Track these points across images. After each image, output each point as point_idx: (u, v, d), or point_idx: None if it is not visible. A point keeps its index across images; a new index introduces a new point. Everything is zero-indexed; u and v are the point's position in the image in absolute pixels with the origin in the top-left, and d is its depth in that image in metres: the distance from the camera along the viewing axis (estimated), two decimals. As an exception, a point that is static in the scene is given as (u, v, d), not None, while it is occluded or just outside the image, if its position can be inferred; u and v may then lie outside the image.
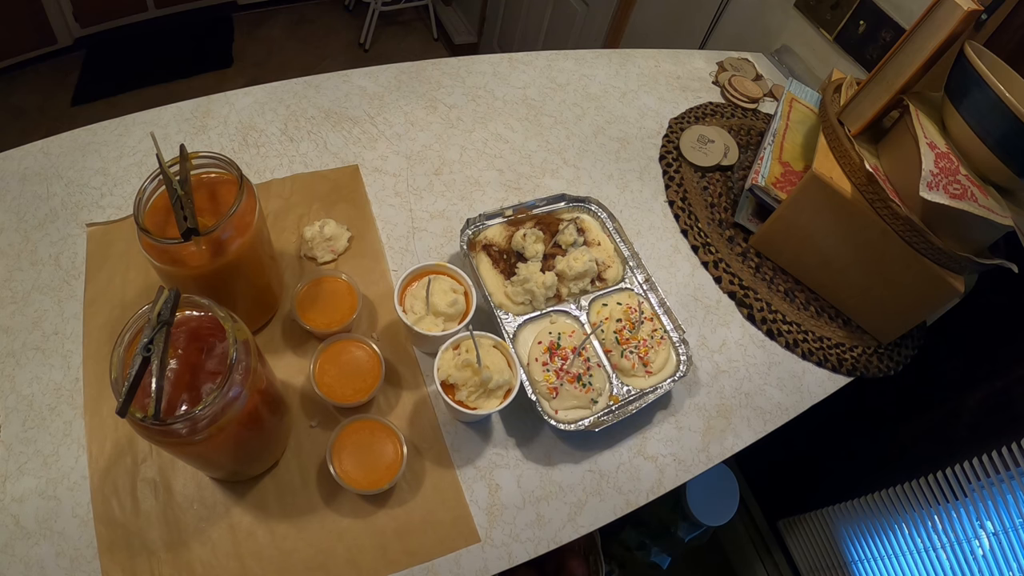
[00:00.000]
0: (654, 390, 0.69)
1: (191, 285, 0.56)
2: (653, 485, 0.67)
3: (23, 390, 0.61)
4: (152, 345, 0.43)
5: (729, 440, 0.72)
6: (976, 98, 0.64)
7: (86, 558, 0.54)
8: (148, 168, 0.78)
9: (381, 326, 0.71)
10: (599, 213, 0.81)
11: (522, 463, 0.66)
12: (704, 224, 0.89)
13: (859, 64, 1.10)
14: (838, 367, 0.80)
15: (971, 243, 0.71)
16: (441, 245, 0.79)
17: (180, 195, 0.51)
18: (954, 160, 0.67)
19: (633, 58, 1.12)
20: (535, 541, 0.62)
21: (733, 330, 0.81)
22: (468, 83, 0.98)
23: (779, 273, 0.87)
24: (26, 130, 2.01)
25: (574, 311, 0.73)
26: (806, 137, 0.91)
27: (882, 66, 0.73)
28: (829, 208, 0.75)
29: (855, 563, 1.19)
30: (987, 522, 0.91)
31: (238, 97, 0.87)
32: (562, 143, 0.95)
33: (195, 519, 0.57)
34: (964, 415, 0.97)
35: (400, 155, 0.87)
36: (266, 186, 0.79)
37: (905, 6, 1.00)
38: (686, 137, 0.98)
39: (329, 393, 0.62)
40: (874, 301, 0.81)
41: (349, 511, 0.60)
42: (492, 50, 2.39)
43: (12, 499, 0.56)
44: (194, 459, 0.53)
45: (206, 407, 0.43)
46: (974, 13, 0.64)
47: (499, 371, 0.60)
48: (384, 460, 0.59)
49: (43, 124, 2.05)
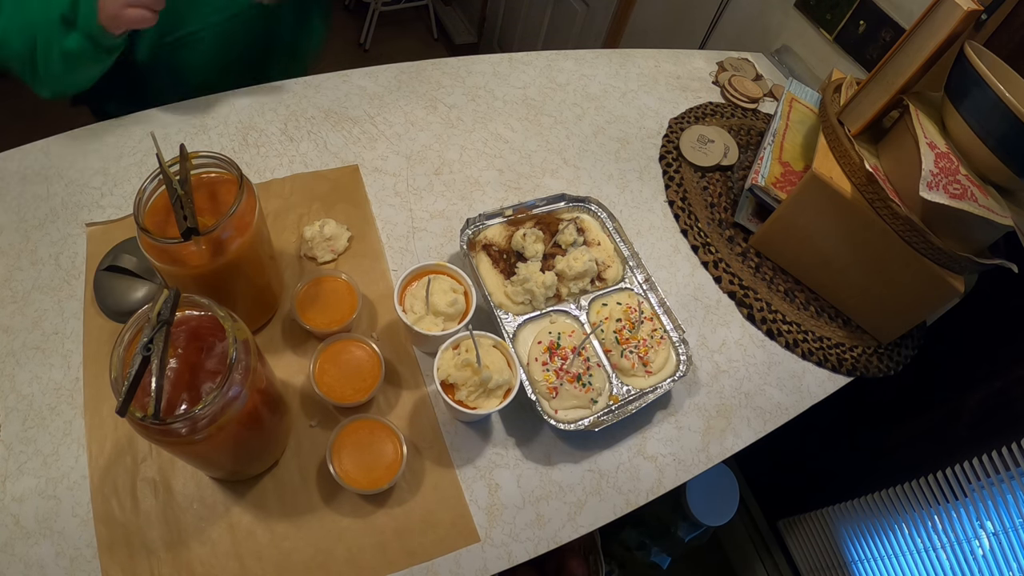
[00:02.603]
0: (654, 390, 0.69)
1: (191, 285, 0.56)
2: (653, 485, 0.67)
3: (23, 390, 0.61)
4: (152, 344, 0.43)
5: (729, 440, 0.72)
6: (976, 98, 0.64)
7: (86, 557, 0.54)
8: (148, 168, 0.78)
9: (381, 326, 0.71)
10: (599, 213, 0.81)
11: (522, 463, 0.66)
12: (704, 224, 0.89)
13: (859, 64, 1.10)
14: (838, 367, 0.80)
15: (971, 243, 0.71)
16: (441, 245, 0.79)
17: (180, 195, 0.51)
18: (954, 160, 0.67)
19: (633, 58, 1.12)
20: (535, 541, 0.62)
21: (733, 330, 0.81)
22: (468, 83, 0.98)
23: (779, 273, 0.87)
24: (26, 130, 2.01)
25: (574, 311, 0.73)
26: (806, 137, 0.91)
27: (882, 66, 0.73)
28: (829, 208, 0.75)
29: (855, 563, 1.19)
30: (987, 522, 0.91)
31: (238, 97, 0.87)
32: (562, 143, 0.95)
33: (195, 518, 0.57)
34: (964, 415, 0.97)
35: (400, 155, 0.87)
36: (266, 186, 0.79)
37: (905, 6, 1.00)
38: (686, 137, 0.98)
39: (329, 393, 0.62)
40: (874, 301, 0.81)
41: (349, 511, 0.60)
42: (492, 50, 2.39)
43: (12, 499, 0.56)
44: (194, 459, 0.54)
45: (206, 407, 0.43)
46: (974, 13, 0.64)
47: (499, 371, 0.60)
48: (384, 460, 0.59)
49: (43, 124, 2.04)
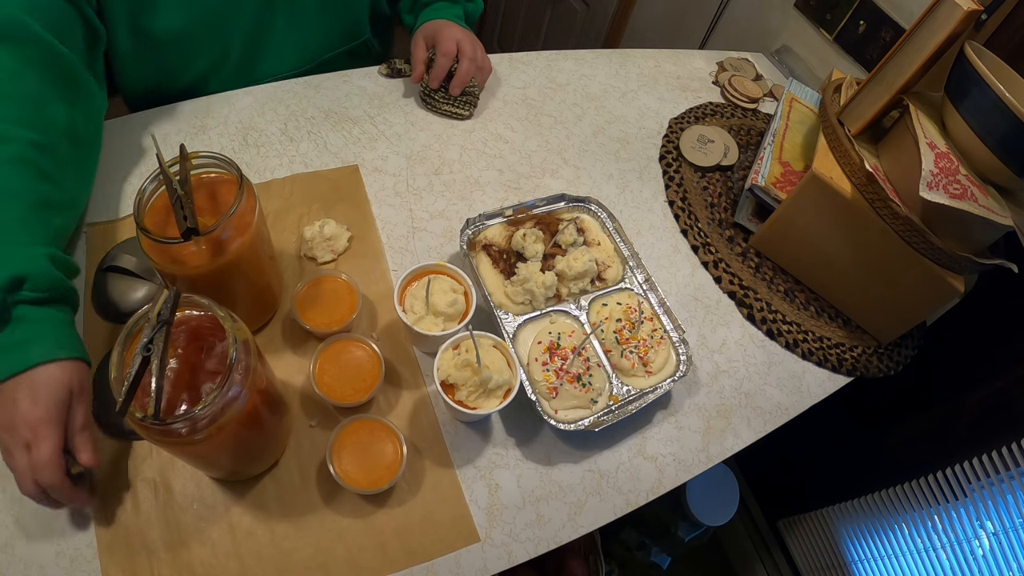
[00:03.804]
0: (654, 390, 0.69)
1: (191, 285, 0.56)
2: (653, 485, 0.67)
3: (23, 390, 0.61)
4: (152, 345, 0.43)
5: (729, 440, 0.72)
6: (976, 98, 0.64)
7: (86, 558, 0.54)
8: (148, 168, 0.78)
9: (381, 326, 0.71)
10: (599, 213, 0.81)
11: (522, 463, 0.66)
12: (704, 224, 0.89)
13: (859, 64, 1.10)
14: (838, 367, 0.80)
15: (971, 243, 0.71)
16: (441, 245, 0.79)
17: (180, 195, 0.51)
18: (954, 160, 0.67)
19: (633, 58, 1.12)
20: (535, 541, 0.62)
21: (733, 330, 0.81)
22: (468, 83, 0.98)
23: (779, 273, 0.87)
24: (26, 130, 2.01)
25: (574, 311, 0.73)
26: (806, 137, 0.91)
27: (882, 66, 0.73)
28: (829, 208, 0.75)
29: (855, 563, 1.19)
30: (987, 522, 0.91)
31: (238, 97, 0.87)
32: (562, 143, 0.95)
33: (195, 519, 0.57)
34: (964, 415, 0.97)
35: (400, 155, 0.87)
36: (266, 186, 0.79)
37: (905, 6, 1.00)
38: (686, 137, 0.98)
39: (329, 393, 0.62)
40: (874, 301, 0.81)
41: (349, 511, 0.60)
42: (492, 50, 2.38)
43: (12, 499, 0.56)
44: (194, 459, 0.54)
45: (206, 407, 0.43)
46: (974, 13, 0.64)
47: (499, 371, 0.60)
48: (384, 460, 0.59)
49: (43, 124, 2.04)
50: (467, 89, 0.89)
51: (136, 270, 0.66)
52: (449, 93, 0.90)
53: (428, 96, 0.91)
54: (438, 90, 0.90)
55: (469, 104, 0.91)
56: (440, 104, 0.91)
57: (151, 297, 0.65)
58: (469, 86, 0.89)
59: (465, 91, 0.89)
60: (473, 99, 0.91)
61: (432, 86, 0.89)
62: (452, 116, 0.91)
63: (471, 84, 0.90)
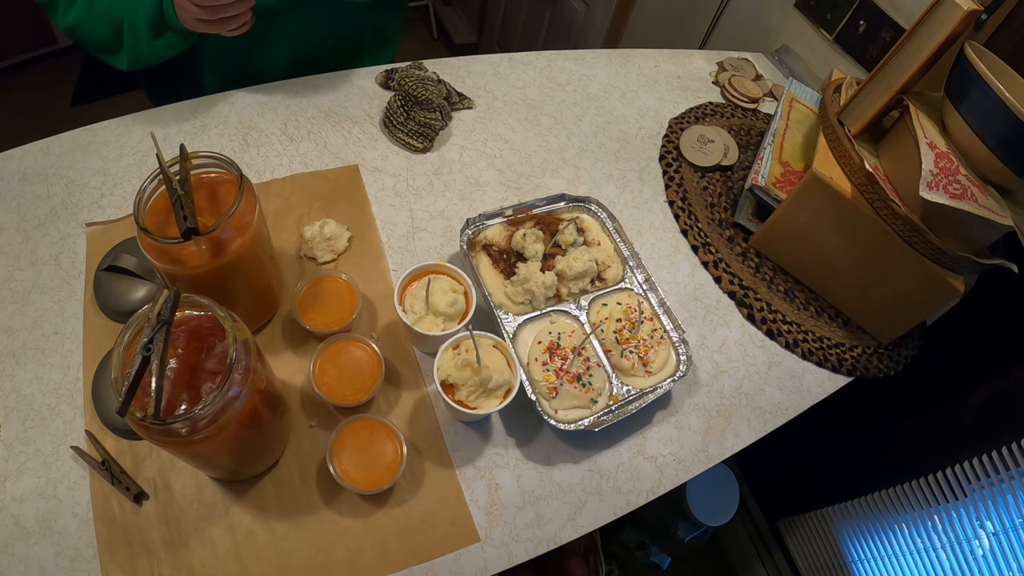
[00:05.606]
0: (654, 390, 0.69)
1: (191, 285, 0.56)
2: (653, 485, 0.67)
3: (23, 390, 0.61)
4: (152, 345, 0.43)
5: (729, 440, 0.72)
6: (976, 98, 0.64)
7: (86, 557, 0.54)
8: (148, 168, 0.78)
9: (381, 326, 0.71)
10: (599, 213, 0.81)
11: (522, 463, 0.66)
12: (704, 224, 0.89)
13: (859, 64, 1.10)
14: (838, 367, 0.80)
15: (971, 243, 0.71)
16: (441, 245, 0.79)
17: (180, 195, 0.51)
18: (954, 160, 0.67)
19: (633, 58, 1.12)
20: (535, 541, 0.62)
21: (733, 330, 0.81)
22: (468, 83, 0.98)
23: (779, 273, 0.87)
24: (26, 130, 2.00)
25: (574, 311, 0.73)
26: (806, 137, 0.91)
27: (882, 66, 0.73)
28: (829, 208, 0.75)
29: (855, 563, 1.19)
30: (987, 522, 0.91)
31: (238, 97, 0.87)
32: (562, 143, 0.95)
33: (195, 519, 0.57)
34: (964, 415, 0.97)
35: (400, 155, 0.87)
36: (266, 186, 0.79)
37: (905, 6, 1.00)
38: (686, 137, 0.98)
39: (329, 393, 0.62)
40: (874, 301, 0.81)
41: (349, 511, 0.60)
42: (492, 50, 2.39)
43: (12, 499, 0.56)
44: (194, 459, 0.54)
45: (206, 407, 0.43)
46: (974, 13, 0.64)
47: (499, 371, 0.60)
48: (384, 460, 0.59)
49: (43, 124, 2.04)
50: (426, 120, 0.86)
51: (136, 270, 0.66)
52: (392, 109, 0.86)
53: (388, 121, 0.87)
54: (396, 116, 0.86)
55: (425, 137, 0.87)
56: (396, 131, 0.87)
57: (151, 297, 0.65)
58: (430, 118, 0.86)
59: (424, 123, 0.86)
60: (431, 132, 0.87)
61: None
62: (407, 147, 0.87)
63: (432, 117, 0.86)
